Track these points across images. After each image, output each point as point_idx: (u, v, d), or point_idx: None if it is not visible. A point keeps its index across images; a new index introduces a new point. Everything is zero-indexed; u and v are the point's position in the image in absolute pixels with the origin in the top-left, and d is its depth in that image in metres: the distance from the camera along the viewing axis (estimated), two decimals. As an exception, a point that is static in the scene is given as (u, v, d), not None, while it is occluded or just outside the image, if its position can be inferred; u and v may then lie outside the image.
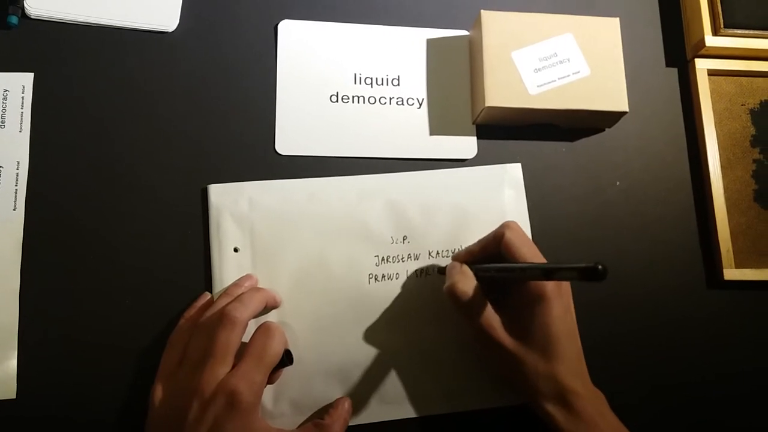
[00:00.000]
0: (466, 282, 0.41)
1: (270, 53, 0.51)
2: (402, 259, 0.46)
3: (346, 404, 0.43)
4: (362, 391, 0.44)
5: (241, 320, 0.40)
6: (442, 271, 0.45)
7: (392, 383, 0.44)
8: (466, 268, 0.42)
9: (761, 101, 0.54)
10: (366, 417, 0.44)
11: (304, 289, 0.45)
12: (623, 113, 0.49)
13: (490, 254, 0.43)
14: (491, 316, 0.40)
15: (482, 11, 0.49)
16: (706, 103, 0.53)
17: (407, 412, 0.44)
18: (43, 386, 0.42)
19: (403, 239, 0.47)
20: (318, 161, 0.49)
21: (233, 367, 0.38)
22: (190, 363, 0.39)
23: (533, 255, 0.41)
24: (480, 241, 0.44)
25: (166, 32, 0.50)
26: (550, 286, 0.40)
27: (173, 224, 0.46)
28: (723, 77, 0.55)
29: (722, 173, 0.52)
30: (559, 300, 0.40)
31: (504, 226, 0.42)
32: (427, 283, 0.46)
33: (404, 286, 0.46)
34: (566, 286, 0.41)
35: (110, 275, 0.45)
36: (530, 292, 0.40)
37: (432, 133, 0.50)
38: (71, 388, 0.43)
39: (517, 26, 0.49)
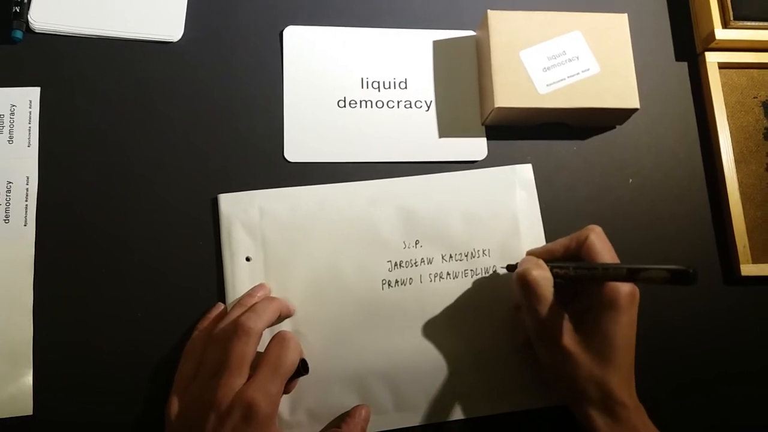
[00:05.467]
0: (540, 272, 0.40)
1: (276, 60, 0.50)
2: (415, 263, 0.46)
3: (364, 412, 0.43)
4: (379, 398, 0.44)
5: (256, 331, 0.39)
6: (512, 268, 0.45)
7: (409, 389, 0.44)
8: (541, 261, 0.42)
9: (773, 93, 0.54)
10: (384, 424, 0.43)
11: (317, 297, 0.45)
12: (634, 110, 0.49)
13: (570, 256, 0.42)
14: (556, 311, 0.40)
15: (489, 11, 0.49)
16: (717, 96, 0.53)
17: (424, 418, 0.44)
18: (59, 401, 0.42)
19: (416, 244, 0.46)
20: (327, 167, 0.48)
21: (249, 378, 0.38)
22: (205, 375, 0.39)
23: (613, 260, 0.41)
24: (560, 241, 0.43)
25: (171, 42, 0.50)
26: (624, 294, 0.39)
27: (184, 235, 0.46)
28: (734, 70, 0.54)
29: (736, 167, 0.51)
30: (630, 311, 0.40)
31: (589, 229, 0.42)
32: (441, 287, 0.46)
33: (418, 291, 0.46)
34: (638, 298, 0.40)
35: (123, 288, 0.45)
36: (602, 297, 0.40)
37: (441, 135, 0.50)
38: (87, 403, 0.42)
39: (525, 25, 0.49)
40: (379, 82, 0.51)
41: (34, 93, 0.47)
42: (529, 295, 0.40)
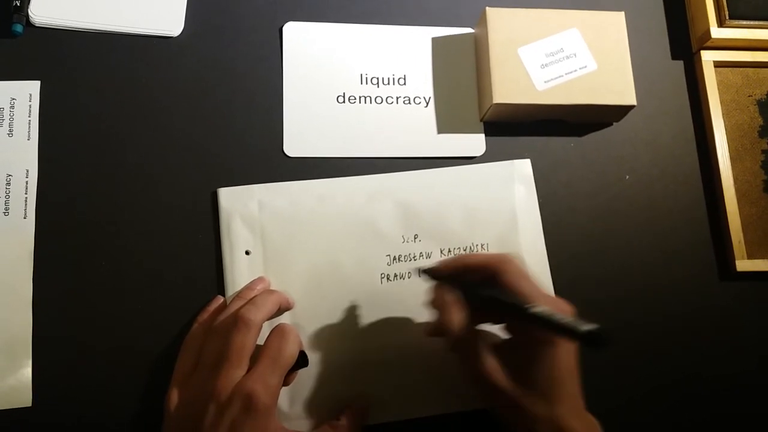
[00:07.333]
0: (456, 320, 0.38)
1: (276, 56, 0.51)
2: (414, 257, 0.46)
3: (361, 405, 0.43)
4: (378, 390, 0.44)
5: (256, 323, 0.39)
6: (427, 272, 0.42)
7: (408, 382, 0.44)
8: (455, 298, 0.39)
9: (768, 92, 0.54)
10: (382, 416, 0.44)
11: (316, 290, 0.45)
12: (631, 107, 0.49)
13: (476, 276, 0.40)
14: (487, 359, 0.38)
15: (487, 8, 0.49)
16: (713, 94, 0.53)
17: (423, 410, 0.44)
18: (58, 393, 0.42)
19: (414, 238, 0.47)
20: (326, 162, 0.49)
21: (249, 370, 0.38)
22: (205, 367, 0.39)
23: (533, 290, 0.38)
24: (467, 261, 0.41)
25: (171, 37, 0.50)
26: None
27: (184, 228, 0.46)
28: (729, 68, 0.55)
29: (731, 164, 0.52)
30: (567, 340, 0.37)
31: (503, 264, 0.38)
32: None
33: (416, 285, 0.46)
34: None
35: (122, 281, 0.45)
36: (536, 332, 0.37)
37: (440, 131, 0.50)
38: (86, 395, 0.43)
39: (523, 22, 0.49)
40: (378, 78, 0.51)
41: (34, 86, 0.47)
42: (452, 350, 0.39)
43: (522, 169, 0.50)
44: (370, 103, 0.50)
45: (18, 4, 0.48)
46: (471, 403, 0.44)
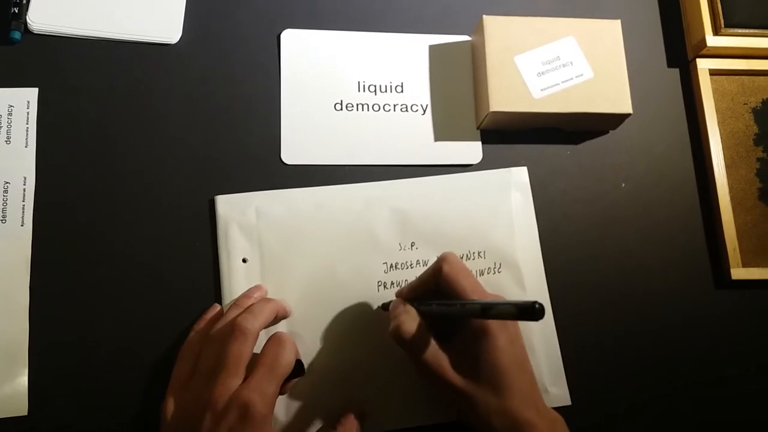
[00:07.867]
0: (410, 322, 0.40)
1: (273, 63, 0.51)
2: (410, 265, 0.46)
3: (358, 413, 0.43)
4: (374, 399, 0.44)
5: (253, 331, 0.39)
6: (386, 307, 0.44)
7: (404, 391, 0.44)
8: (409, 306, 0.41)
9: (763, 100, 0.55)
10: (378, 426, 0.44)
11: (313, 298, 0.45)
12: (627, 115, 0.49)
13: (431, 288, 0.41)
14: (438, 355, 0.39)
15: (484, 16, 0.50)
16: (708, 102, 0.53)
17: (420, 419, 0.44)
18: (54, 402, 0.42)
19: (411, 246, 0.47)
20: (324, 170, 0.49)
21: (245, 378, 0.38)
22: (201, 375, 0.39)
23: (472, 286, 0.40)
24: (420, 276, 0.42)
25: (170, 44, 0.50)
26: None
27: (181, 236, 0.46)
28: (725, 77, 0.55)
29: (726, 172, 0.52)
30: (504, 331, 0.39)
31: (441, 260, 0.41)
32: (436, 289, 0.46)
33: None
34: None
35: (119, 289, 0.45)
36: (474, 328, 0.39)
37: (437, 139, 0.50)
38: (82, 403, 0.42)
39: (519, 30, 0.50)
40: (375, 86, 0.51)
41: (32, 94, 0.47)
42: (406, 348, 0.40)
43: (519, 176, 0.50)
44: (368, 110, 0.50)
45: (16, 11, 0.48)
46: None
